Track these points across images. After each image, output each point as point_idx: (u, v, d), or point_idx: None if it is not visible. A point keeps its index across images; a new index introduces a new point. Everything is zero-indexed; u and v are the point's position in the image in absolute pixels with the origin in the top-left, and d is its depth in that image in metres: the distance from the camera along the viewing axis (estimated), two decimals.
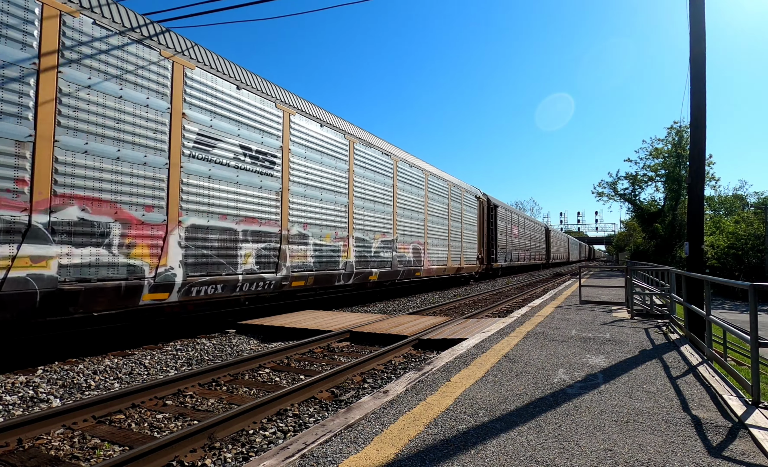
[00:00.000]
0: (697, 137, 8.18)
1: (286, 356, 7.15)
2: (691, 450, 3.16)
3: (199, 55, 8.59)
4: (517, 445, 3.23)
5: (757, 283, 4.27)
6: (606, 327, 8.28)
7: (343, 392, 5.47)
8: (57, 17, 6.37)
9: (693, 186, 8.20)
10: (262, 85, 10.08)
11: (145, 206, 7.37)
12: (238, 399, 5.20)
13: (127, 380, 6.04)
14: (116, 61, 7.08)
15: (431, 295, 17.87)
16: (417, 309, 13.12)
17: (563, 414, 3.84)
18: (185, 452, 3.73)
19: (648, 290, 12.28)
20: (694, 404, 4.13)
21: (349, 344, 8.37)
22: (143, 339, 8.35)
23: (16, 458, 3.69)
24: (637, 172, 46.79)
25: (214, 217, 8.56)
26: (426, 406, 4.01)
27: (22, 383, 5.62)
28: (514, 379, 4.88)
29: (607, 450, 3.15)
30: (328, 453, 3.09)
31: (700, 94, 8.12)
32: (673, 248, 39.82)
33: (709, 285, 6.06)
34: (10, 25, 5.88)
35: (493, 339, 7.03)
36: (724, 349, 6.34)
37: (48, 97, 6.21)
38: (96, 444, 4.01)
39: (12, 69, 5.88)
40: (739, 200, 58.66)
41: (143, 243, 7.32)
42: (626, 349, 6.42)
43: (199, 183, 8.34)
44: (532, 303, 12.42)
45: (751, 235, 30.08)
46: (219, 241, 8.65)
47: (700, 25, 8.10)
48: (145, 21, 7.66)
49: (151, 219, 7.47)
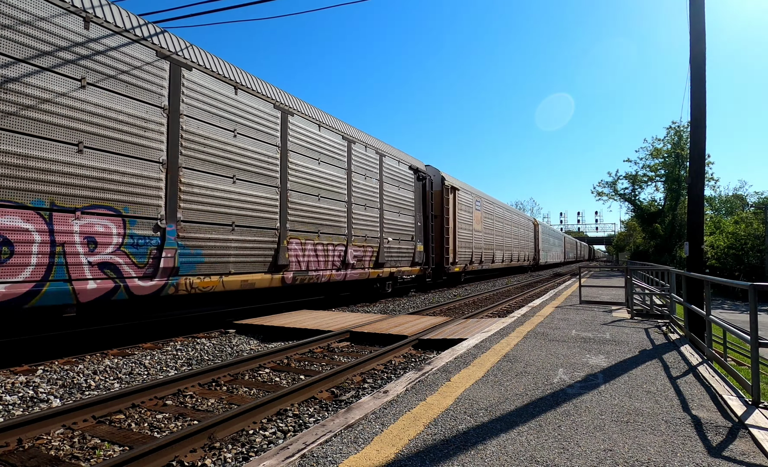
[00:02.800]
0: (697, 137, 8.18)
1: (286, 356, 7.14)
2: (691, 450, 3.16)
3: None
4: (517, 445, 3.23)
5: (757, 283, 4.27)
6: (606, 327, 8.28)
7: (343, 392, 5.47)
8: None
9: (693, 186, 8.20)
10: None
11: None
12: (238, 399, 5.20)
13: (127, 380, 6.04)
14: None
15: (431, 295, 17.82)
16: (417, 309, 13.12)
17: (563, 414, 3.84)
18: (185, 452, 3.73)
19: (648, 290, 12.28)
20: (694, 404, 4.13)
21: (349, 344, 8.37)
22: (143, 339, 8.35)
23: (16, 458, 3.69)
24: (637, 171, 46.87)
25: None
26: (426, 406, 4.00)
27: (22, 383, 5.62)
28: (514, 379, 4.88)
29: (607, 450, 3.15)
30: (328, 453, 3.09)
31: (700, 94, 8.12)
32: (673, 248, 39.82)
33: (709, 285, 6.06)
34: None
35: (493, 339, 7.03)
36: (724, 349, 6.33)
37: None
38: (96, 444, 4.01)
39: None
40: (739, 200, 58.67)
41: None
42: (626, 349, 6.42)
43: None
44: (532, 304, 12.42)
45: (751, 235, 30.10)
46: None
47: (700, 24, 8.10)
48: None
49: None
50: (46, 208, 6.19)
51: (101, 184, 6.85)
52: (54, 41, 6.35)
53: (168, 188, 7.81)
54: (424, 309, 12.88)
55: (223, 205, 8.91)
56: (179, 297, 8.29)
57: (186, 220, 8.10)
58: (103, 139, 6.92)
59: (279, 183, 10.44)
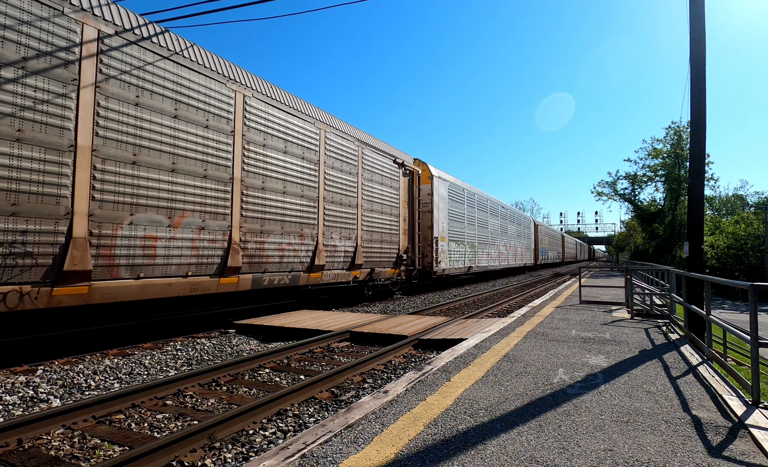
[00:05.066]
0: (697, 137, 8.18)
1: (286, 356, 7.14)
2: (691, 450, 3.16)
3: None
4: (517, 445, 3.23)
5: (757, 283, 4.27)
6: (606, 327, 8.28)
7: (343, 392, 5.47)
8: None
9: (693, 186, 8.20)
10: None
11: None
12: (238, 400, 5.20)
13: (127, 380, 6.04)
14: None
15: (431, 295, 17.81)
16: (417, 309, 13.12)
17: (563, 414, 3.84)
18: (185, 452, 3.73)
19: (648, 290, 12.28)
20: (694, 404, 4.13)
21: (349, 344, 8.37)
22: (143, 339, 8.35)
23: (16, 458, 3.69)
24: (637, 172, 46.94)
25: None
26: (426, 406, 4.00)
27: (22, 383, 5.62)
28: (514, 379, 4.88)
29: (607, 450, 3.15)
30: (328, 453, 3.09)
31: (700, 93, 8.12)
32: (673, 248, 39.85)
33: (709, 285, 6.06)
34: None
35: (493, 339, 7.03)
36: (724, 349, 6.34)
37: None
38: (96, 444, 4.01)
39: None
40: (740, 200, 58.71)
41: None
42: (626, 349, 6.42)
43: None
44: (532, 304, 12.43)
45: (751, 235, 30.12)
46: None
47: (700, 24, 8.10)
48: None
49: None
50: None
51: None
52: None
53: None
54: (424, 309, 12.89)
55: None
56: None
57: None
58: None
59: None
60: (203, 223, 8.69)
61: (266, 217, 10.25)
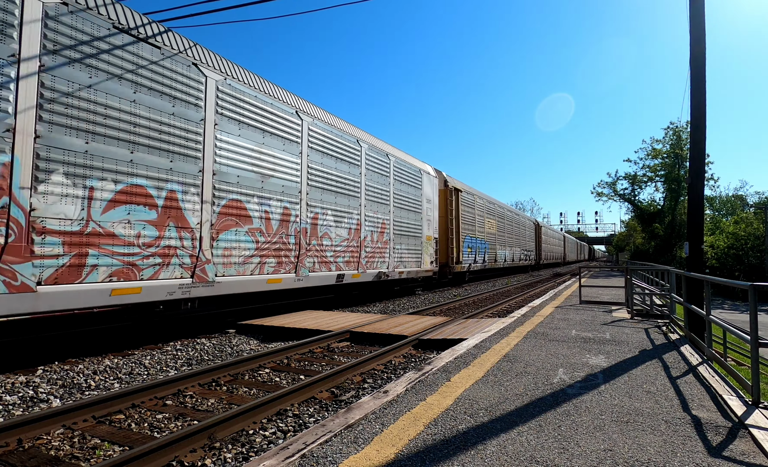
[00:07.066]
0: (697, 137, 8.18)
1: (286, 356, 7.14)
2: (691, 450, 3.16)
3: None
4: (517, 445, 3.23)
5: (757, 283, 4.27)
6: (606, 327, 8.28)
7: (343, 392, 5.47)
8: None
9: (693, 186, 8.20)
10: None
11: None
12: (238, 399, 5.20)
13: (127, 380, 6.04)
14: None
15: (431, 295, 17.84)
16: (417, 309, 13.12)
17: (563, 414, 3.84)
18: (185, 452, 3.73)
19: (648, 290, 12.29)
20: (694, 404, 4.13)
21: (349, 344, 8.37)
22: (143, 339, 8.35)
23: (16, 458, 3.69)
24: (636, 172, 46.92)
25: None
26: (426, 406, 4.00)
27: (22, 383, 5.62)
28: (514, 379, 4.88)
29: (607, 450, 3.15)
30: (328, 453, 3.09)
31: (700, 94, 8.12)
32: (672, 248, 39.87)
33: (709, 285, 6.06)
34: None
35: (493, 339, 7.03)
36: (724, 349, 6.34)
37: None
38: (96, 444, 4.01)
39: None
40: (740, 200, 58.72)
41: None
42: (626, 349, 6.42)
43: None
44: (532, 304, 12.43)
45: (751, 235, 30.13)
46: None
47: (700, 25, 8.10)
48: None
49: None
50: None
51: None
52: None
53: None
54: (424, 309, 12.88)
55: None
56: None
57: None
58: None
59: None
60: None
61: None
